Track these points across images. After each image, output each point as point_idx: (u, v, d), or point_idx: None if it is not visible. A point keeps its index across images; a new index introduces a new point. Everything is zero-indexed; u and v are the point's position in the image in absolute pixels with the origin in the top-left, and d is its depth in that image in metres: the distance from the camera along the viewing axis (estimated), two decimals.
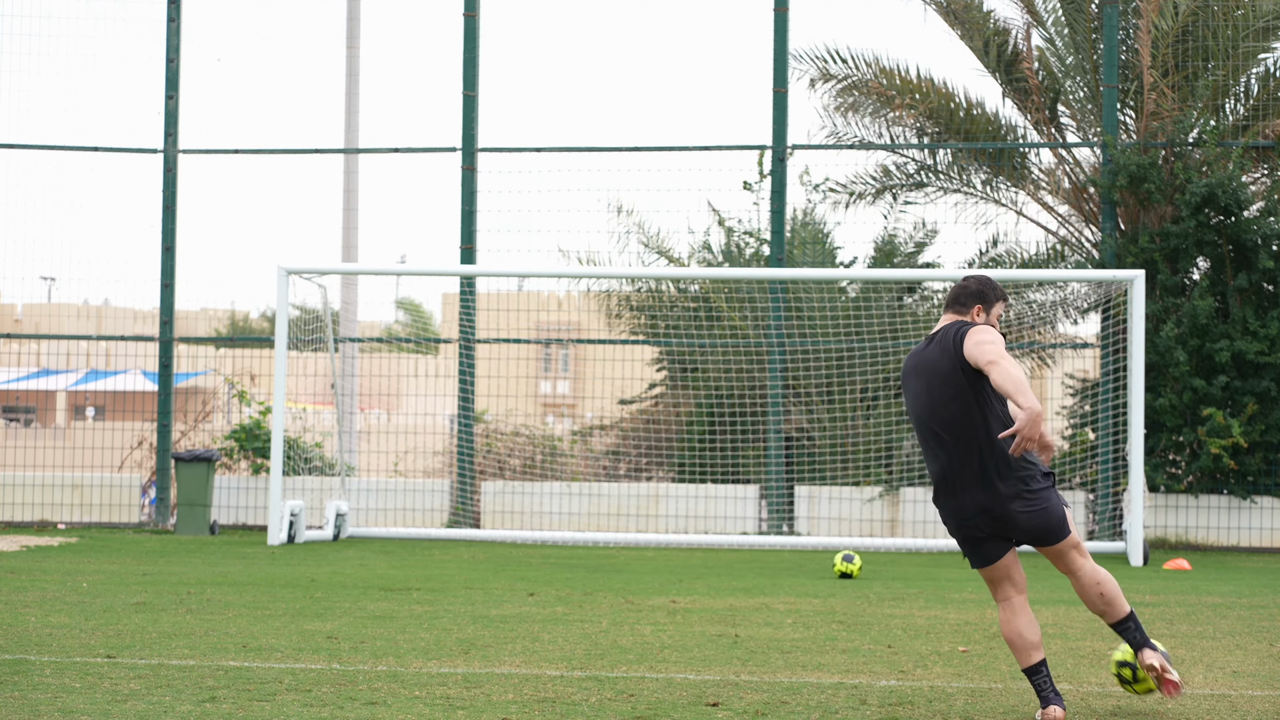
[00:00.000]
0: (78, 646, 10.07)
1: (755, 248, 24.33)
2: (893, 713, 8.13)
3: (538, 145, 23.77)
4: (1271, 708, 8.47)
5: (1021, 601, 7.91)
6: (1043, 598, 13.45)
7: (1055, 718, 7.74)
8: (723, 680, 9.10)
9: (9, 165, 25.70)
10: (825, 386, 23.36)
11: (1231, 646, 10.98)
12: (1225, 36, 23.07)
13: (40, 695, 8.22)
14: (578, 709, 8.11)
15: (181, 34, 24.16)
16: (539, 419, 28.96)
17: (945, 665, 9.85)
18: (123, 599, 13.06)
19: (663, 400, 24.90)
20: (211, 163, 24.59)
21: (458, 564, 17.74)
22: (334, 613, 12.27)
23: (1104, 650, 10.57)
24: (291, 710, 7.93)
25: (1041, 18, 24.40)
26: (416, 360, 30.52)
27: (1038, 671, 7.83)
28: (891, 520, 22.56)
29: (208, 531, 22.16)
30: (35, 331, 35.32)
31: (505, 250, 23.85)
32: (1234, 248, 21.97)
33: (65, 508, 23.65)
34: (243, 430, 24.29)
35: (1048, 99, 24.22)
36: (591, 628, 11.52)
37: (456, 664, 9.55)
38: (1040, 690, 7.82)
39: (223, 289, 45.07)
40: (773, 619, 12.31)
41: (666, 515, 22.88)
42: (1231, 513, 22.06)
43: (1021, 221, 24.64)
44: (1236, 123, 23.32)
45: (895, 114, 24.46)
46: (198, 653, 9.87)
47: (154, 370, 24.77)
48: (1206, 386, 21.68)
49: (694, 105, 23.84)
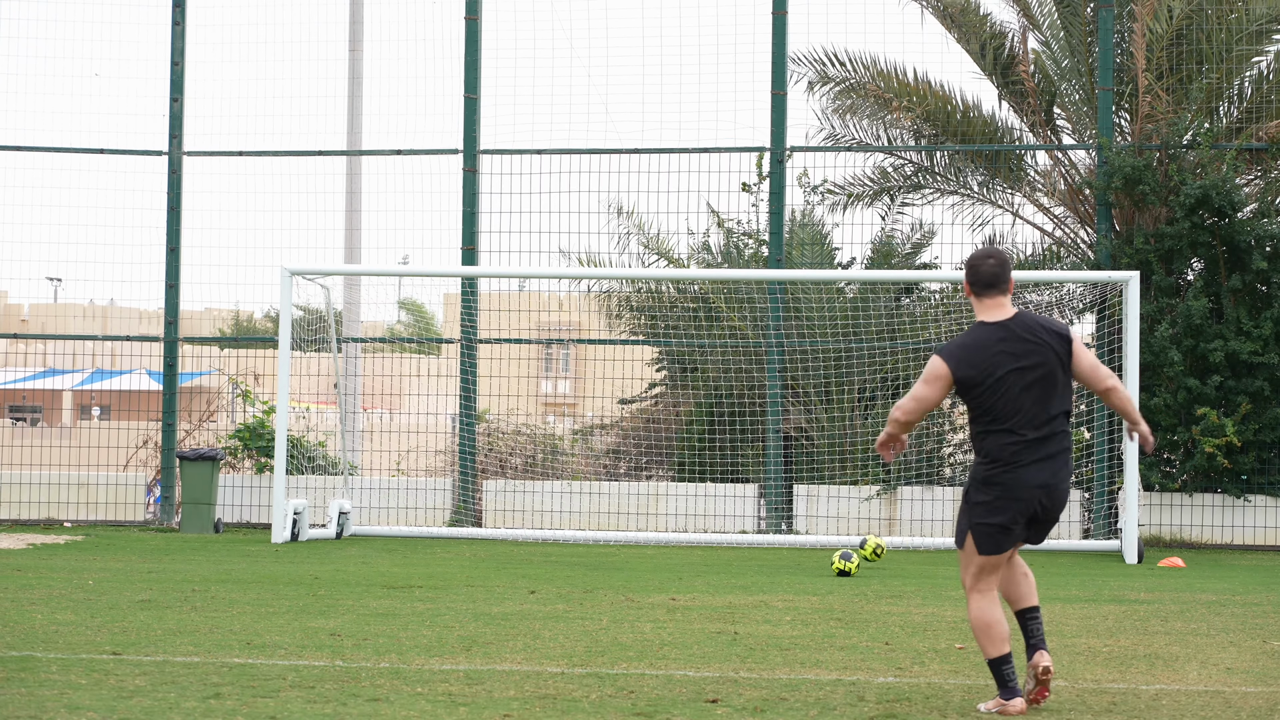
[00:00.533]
0: (84, 643, 10.10)
1: (754, 249, 24.41)
2: (890, 709, 8.17)
3: (538, 147, 23.88)
4: (1265, 704, 8.53)
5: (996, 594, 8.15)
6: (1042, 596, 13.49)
7: (1020, 709, 7.98)
8: (722, 677, 9.13)
9: (16, 167, 25.82)
10: (824, 386, 23.45)
11: (1225, 643, 11.05)
12: (1219, 40, 23.16)
13: (47, 692, 8.24)
14: (578, 705, 8.14)
15: (186, 37, 24.26)
16: (540, 418, 29.05)
17: (942, 662, 9.91)
18: (128, 596, 13.09)
19: (663, 400, 24.98)
20: (216, 164, 24.70)
21: (459, 562, 17.79)
22: (337, 610, 12.30)
23: (1098, 646, 10.66)
24: (295, 706, 7.96)
25: (1037, 21, 24.50)
26: (419, 360, 30.61)
27: (1009, 661, 8.01)
28: (889, 519, 22.66)
29: (212, 530, 22.24)
30: (42, 332, 35.41)
31: (506, 251, 23.94)
32: (1228, 249, 22.07)
33: (71, 506, 23.74)
34: (246, 429, 24.36)
35: (1044, 101, 24.32)
36: (592, 625, 11.56)
37: (458, 661, 9.58)
38: (1009, 680, 8.00)
39: (227, 290, 45.08)
40: (771, 616, 12.35)
41: (666, 514, 22.97)
42: (1225, 511, 22.17)
43: (1018, 223, 24.75)
44: (1230, 125, 23.42)
45: (893, 116, 24.55)
46: (202, 650, 9.90)
47: (159, 370, 24.85)
48: (1201, 386, 21.78)
49: (693, 108, 23.90)
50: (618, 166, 23.84)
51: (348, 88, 27.06)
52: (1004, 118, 24.81)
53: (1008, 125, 24.79)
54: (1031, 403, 7.99)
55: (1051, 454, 8.00)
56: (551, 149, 23.87)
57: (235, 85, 25.26)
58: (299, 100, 24.87)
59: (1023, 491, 7.97)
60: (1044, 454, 7.98)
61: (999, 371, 7.99)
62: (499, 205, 23.87)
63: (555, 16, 24.75)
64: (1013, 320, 8.10)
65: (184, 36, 24.25)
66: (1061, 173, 24.24)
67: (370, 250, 26.58)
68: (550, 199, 23.82)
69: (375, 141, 26.94)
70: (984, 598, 8.08)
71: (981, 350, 8.04)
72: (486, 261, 23.84)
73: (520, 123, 27.28)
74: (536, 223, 23.85)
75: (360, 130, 26.98)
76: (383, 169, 25.66)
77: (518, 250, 23.89)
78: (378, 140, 26.90)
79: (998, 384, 7.98)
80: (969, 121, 24.45)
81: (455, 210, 23.75)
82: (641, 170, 23.82)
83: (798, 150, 23.65)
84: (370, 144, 26.83)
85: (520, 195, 23.83)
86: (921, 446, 23.25)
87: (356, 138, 26.92)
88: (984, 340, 8.07)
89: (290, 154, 24.60)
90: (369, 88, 27.14)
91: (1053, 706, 8.28)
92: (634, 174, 23.84)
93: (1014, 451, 7.97)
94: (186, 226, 24.32)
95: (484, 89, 23.96)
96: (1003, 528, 8.01)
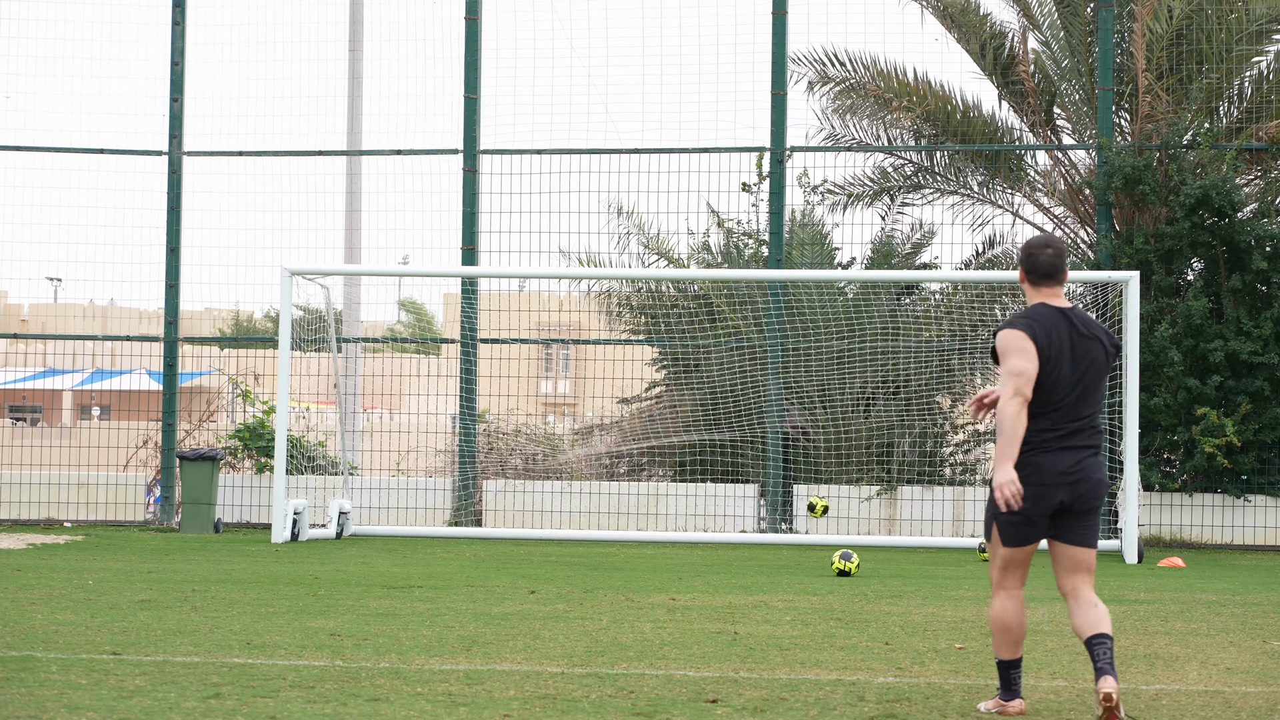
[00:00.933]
0: (84, 643, 10.11)
1: (754, 249, 24.42)
2: (890, 709, 8.18)
3: (538, 147, 23.89)
4: (1265, 704, 8.55)
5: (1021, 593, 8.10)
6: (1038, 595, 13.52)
7: (1019, 710, 8.00)
8: (722, 677, 9.14)
9: (16, 167, 25.82)
10: (824, 386, 23.45)
11: (1225, 643, 11.06)
12: (1219, 40, 23.17)
13: (47, 692, 8.24)
14: (578, 705, 8.15)
15: (186, 37, 24.27)
16: (540, 418, 29.06)
17: (942, 662, 9.92)
18: (128, 596, 13.10)
19: (662, 400, 24.99)
20: (216, 164, 24.71)
21: (459, 562, 17.79)
22: (337, 610, 12.30)
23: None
24: (295, 706, 7.96)
25: (1037, 21, 24.51)
26: (419, 360, 30.63)
27: (1017, 666, 8.01)
28: (889, 519, 22.67)
29: (212, 530, 22.25)
30: (41, 332, 35.41)
31: (506, 251, 23.95)
32: (1228, 249, 22.07)
33: (71, 506, 23.75)
34: (246, 429, 24.37)
35: (1044, 101, 24.33)
36: (592, 625, 11.57)
37: (458, 661, 9.59)
38: (1013, 683, 8.01)
39: (227, 289, 45.02)
40: (771, 616, 12.36)
41: (666, 514, 22.98)
42: (1225, 511, 22.18)
43: (1018, 223, 24.76)
44: (1230, 125, 23.43)
45: (893, 116, 24.56)
46: (202, 650, 9.91)
47: (159, 370, 24.86)
48: (1200, 386, 21.79)
49: (693, 108, 23.89)
50: (618, 166, 23.86)
51: (348, 88, 27.08)
52: (1004, 118, 24.83)
53: (1008, 125, 24.80)
54: (1076, 396, 7.91)
55: (1078, 445, 7.92)
56: (551, 149, 23.89)
57: (235, 85, 25.25)
58: (299, 100, 24.88)
59: (1045, 477, 7.85)
60: (1071, 444, 7.89)
61: (1061, 355, 7.90)
62: (499, 205, 23.89)
63: (555, 16, 24.75)
64: (1071, 312, 8.03)
65: (184, 36, 24.25)
66: (1061, 173, 24.25)
67: (370, 250, 26.59)
68: (550, 199, 23.85)
69: (375, 141, 26.96)
70: (1007, 596, 8.05)
71: (1053, 324, 7.95)
72: (486, 261, 23.85)
73: (520, 123, 27.28)
74: (536, 223, 23.87)
75: (360, 130, 27.00)
76: (383, 169, 25.65)
77: (518, 250, 23.92)
78: (378, 140, 26.91)
79: (1058, 366, 7.88)
80: (969, 121, 24.47)
81: (455, 210, 23.77)
82: (641, 170, 23.84)
83: (798, 150, 23.67)
84: (370, 144, 26.86)
85: (520, 195, 23.86)
86: (922, 446, 23.26)
87: (356, 138, 26.94)
88: (1051, 318, 7.97)
89: (290, 154, 24.62)
90: (369, 88, 27.17)
91: (1053, 706, 8.28)
92: (634, 174, 23.86)
93: (1044, 439, 7.87)
94: (186, 226, 24.33)
95: (484, 89, 23.97)
96: (1025, 518, 7.93)
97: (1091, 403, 7.97)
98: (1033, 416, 7.89)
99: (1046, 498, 7.90)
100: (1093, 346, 7.97)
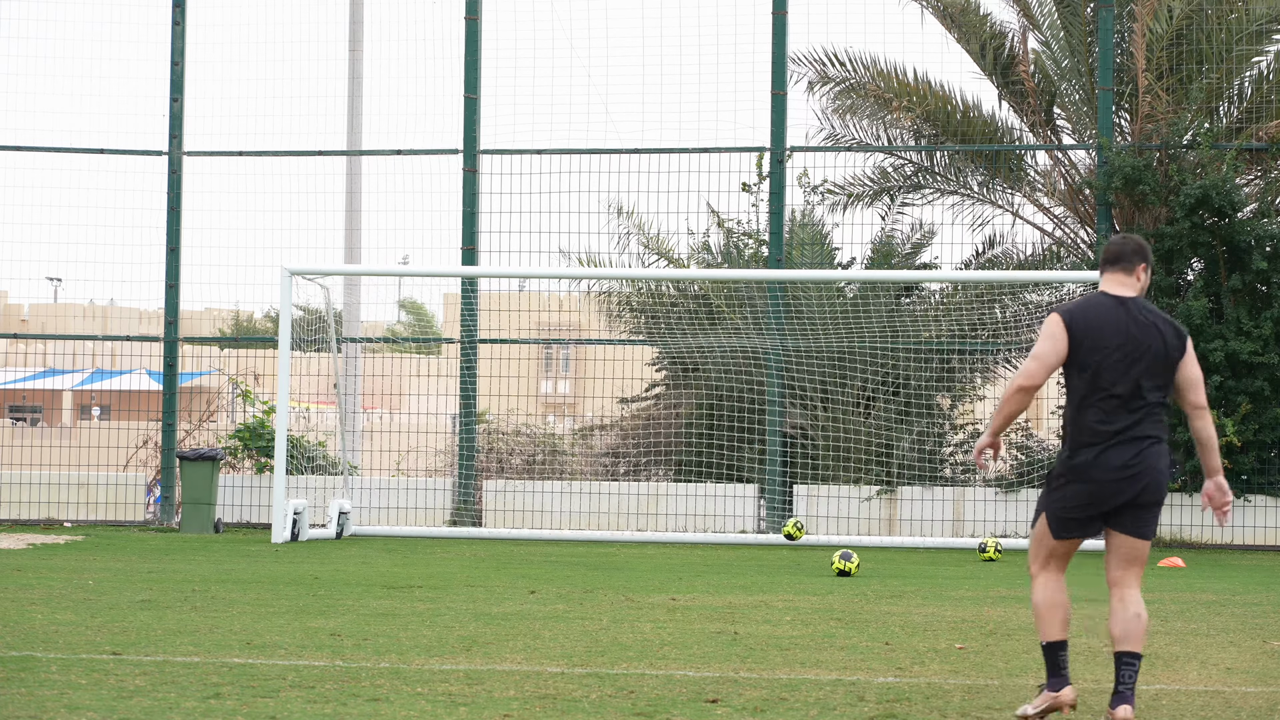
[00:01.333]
0: (83, 643, 10.11)
1: (754, 249, 24.43)
2: (890, 709, 8.18)
3: (538, 147, 23.89)
4: (1265, 704, 8.56)
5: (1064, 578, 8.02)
6: None
7: (1070, 700, 7.81)
8: (722, 677, 9.15)
9: (16, 167, 25.82)
10: (823, 386, 23.46)
11: (1225, 643, 11.07)
12: (1219, 40, 23.18)
13: (47, 692, 8.25)
14: (578, 705, 8.15)
15: (186, 37, 24.27)
16: (540, 418, 29.06)
17: (942, 662, 9.92)
18: (128, 596, 13.11)
19: (662, 400, 25.00)
20: (215, 164, 24.72)
21: (459, 562, 17.81)
22: (337, 610, 12.32)
23: (1098, 646, 10.65)
24: (295, 707, 7.97)
25: (1037, 21, 24.51)
26: (419, 360, 30.62)
27: (1063, 648, 7.85)
28: (889, 519, 22.67)
29: (212, 530, 22.26)
30: (41, 332, 35.42)
31: (506, 251, 23.96)
32: (1228, 249, 22.08)
33: (71, 506, 23.75)
34: (246, 429, 24.38)
35: (1044, 101, 24.33)
36: (592, 625, 11.58)
37: (458, 661, 9.60)
38: (1060, 668, 7.82)
39: (227, 290, 45.03)
40: (771, 616, 12.37)
41: (666, 514, 22.98)
42: None
43: (1018, 223, 24.77)
44: (1230, 125, 23.44)
45: (893, 116, 24.57)
46: (202, 650, 9.92)
47: (159, 370, 24.87)
48: None
49: (693, 108, 23.88)
50: (618, 166, 23.87)
51: (348, 88, 27.07)
52: (1004, 118, 24.83)
53: (1008, 125, 24.81)
54: (1130, 386, 7.84)
55: (1137, 436, 7.82)
56: (551, 149, 23.89)
57: (235, 85, 25.25)
58: (299, 100, 24.88)
59: (1101, 474, 7.79)
60: (1130, 436, 7.81)
61: (1107, 341, 7.86)
62: (499, 205, 23.90)
63: (555, 16, 24.74)
64: (1131, 300, 8.00)
65: (184, 36, 24.26)
66: (1061, 173, 24.26)
67: (370, 250, 26.58)
68: (550, 199, 23.85)
69: (375, 141, 26.94)
70: (1050, 579, 7.94)
71: (1097, 311, 7.93)
72: (486, 261, 23.85)
73: (520, 123, 27.26)
74: (536, 223, 23.88)
75: (360, 130, 26.99)
76: (383, 169, 25.67)
77: (518, 250, 23.92)
78: (378, 140, 26.89)
79: (1104, 353, 7.84)
80: (969, 121, 24.47)
81: (455, 210, 23.77)
82: (641, 170, 23.85)
83: (798, 150, 23.67)
84: (370, 144, 26.85)
85: (520, 195, 23.86)
86: (921, 446, 23.27)
87: (356, 138, 26.93)
88: (1101, 305, 7.96)
89: (290, 154, 24.63)
90: (369, 88, 27.16)
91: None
92: (634, 174, 23.86)
93: (1097, 433, 7.81)
94: (186, 226, 24.33)
95: (484, 89, 23.97)
96: (1080, 508, 7.86)
97: (1152, 391, 7.86)
98: (1083, 408, 7.88)
99: (1103, 497, 7.84)
100: (1148, 330, 7.90)
